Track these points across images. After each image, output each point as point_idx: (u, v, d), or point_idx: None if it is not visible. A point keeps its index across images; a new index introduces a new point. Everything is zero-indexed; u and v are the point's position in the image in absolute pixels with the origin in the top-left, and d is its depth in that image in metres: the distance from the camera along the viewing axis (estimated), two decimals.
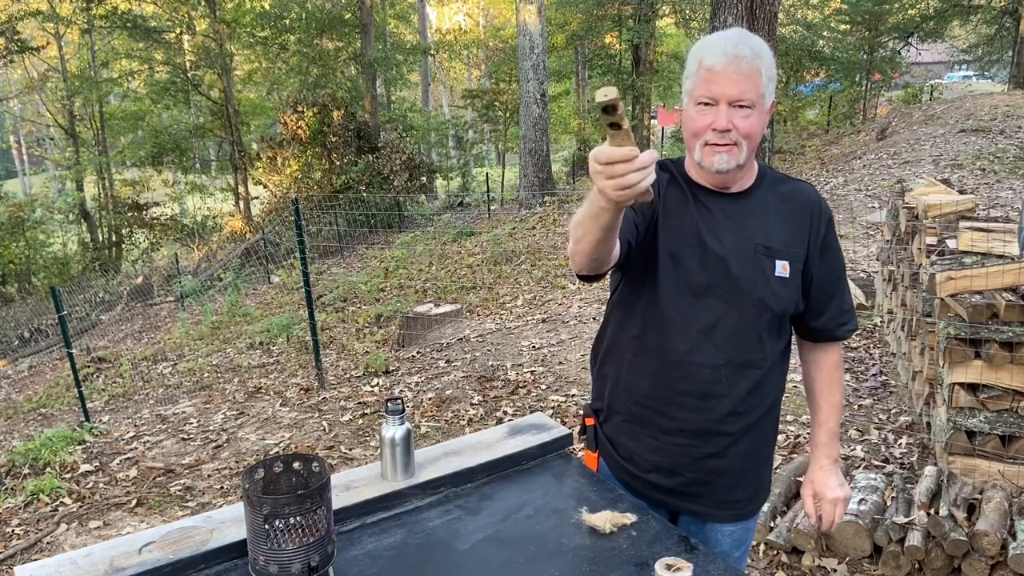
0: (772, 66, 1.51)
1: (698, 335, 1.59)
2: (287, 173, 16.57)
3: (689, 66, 1.54)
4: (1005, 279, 3.14)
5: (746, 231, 1.59)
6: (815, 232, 1.62)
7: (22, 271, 17.60)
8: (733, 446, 1.64)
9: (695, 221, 1.59)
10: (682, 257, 1.59)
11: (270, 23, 19.90)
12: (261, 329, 8.45)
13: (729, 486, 1.67)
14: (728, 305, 1.58)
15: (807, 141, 18.51)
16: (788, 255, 1.59)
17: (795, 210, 1.62)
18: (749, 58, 1.47)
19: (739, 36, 1.50)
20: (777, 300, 1.59)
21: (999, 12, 21.44)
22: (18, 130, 34.48)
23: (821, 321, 1.68)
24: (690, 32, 21.01)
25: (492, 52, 25.40)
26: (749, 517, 1.75)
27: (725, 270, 1.57)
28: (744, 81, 1.47)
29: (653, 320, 1.62)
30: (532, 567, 1.42)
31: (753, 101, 1.49)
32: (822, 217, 1.64)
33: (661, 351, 1.62)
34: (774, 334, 1.62)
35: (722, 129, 1.50)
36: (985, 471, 3.13)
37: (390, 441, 1.65)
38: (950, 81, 31.21)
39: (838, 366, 1.75)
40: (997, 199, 8.30)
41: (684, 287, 1.59)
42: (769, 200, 1.62)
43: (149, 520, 3.85)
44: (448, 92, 37.03)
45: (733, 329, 1.59)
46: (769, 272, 1.58)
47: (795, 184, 1.67)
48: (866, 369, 4.80)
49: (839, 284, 1.68)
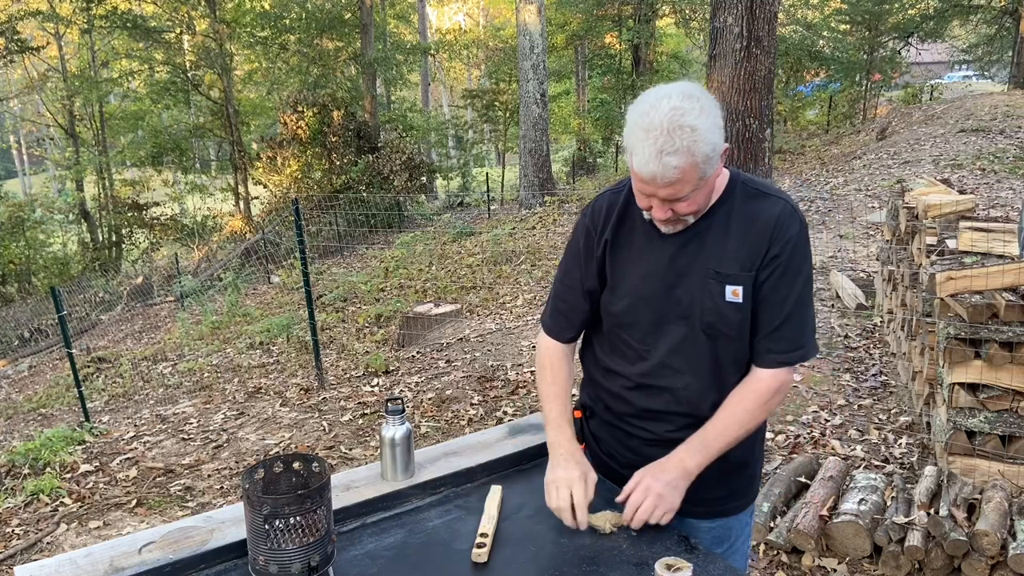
0: (708, 142, 1.42)
1: (656, 360, 1.63)
2: (287, 173, 16.57)
3: (626, 135, 1.49)
4: (1005, 279, 3.14)
5: (699, 256, 1.58)
6: (770, 252, 1.55)
7: (22, 271, 17.59)
8: None
9: (644, 249, 1.62)
10: (635, 285, 1.62)
11: (270, 23, 19.89)
12: (261, 329, 8.45)
13: (704, 486, 1.66)
14: (684, 330, 1.60)
15: (807, 141, 18.51)
16: (740, 279, 1.56)
17: (756, 231, 1.56)
18: (675, 167, 1.41)
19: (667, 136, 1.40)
20: (728, 324, 1.57)
21: (999, 12, 21.44)
22: (18, 130, 34.49)
23: (754, 341, 1.60)
24: (690, 32, 21.03)
25: (492, 52, 25.39)
26: (731, 514, 1.74)
27: (675, 298, 1.59)
28: (674, 184, 1.44)
29: (613, 345, 1.70)
30: (532, 567, 1.42)
31: (688, 192, 1.47)
32: (783, 236, 1.55)
33: (622, 374, 1.68)
34: (734, 357, 1.61)
35: (661, 220, 1.53)
36: (985, 471, 3.13)
37: (390, 441, 1.65)
38: (950, 81, 31.19)
39: (760, 390, 1.59)
40: (997, 199, 8.30)
41: (640, 314, 1.63)
42: (731, 219, 1.58)
43: (149, 520, 3.85)
44: (448, 92, 37.05)
45: (690, 354, 1.61)
46: (718, 297, 1.56)
47: (766, 201, 1.58)
48: (866, 369, 4.80)
49: (786, 306, 1.56)
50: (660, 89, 1.46)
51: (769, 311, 1.57)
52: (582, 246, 1.70)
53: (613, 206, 1.66)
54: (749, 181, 1.63)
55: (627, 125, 1.48)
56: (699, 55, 23.45)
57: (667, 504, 1.51)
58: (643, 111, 1.43)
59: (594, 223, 1.68)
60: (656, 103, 1.42)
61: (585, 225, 1.70)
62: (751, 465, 1.76)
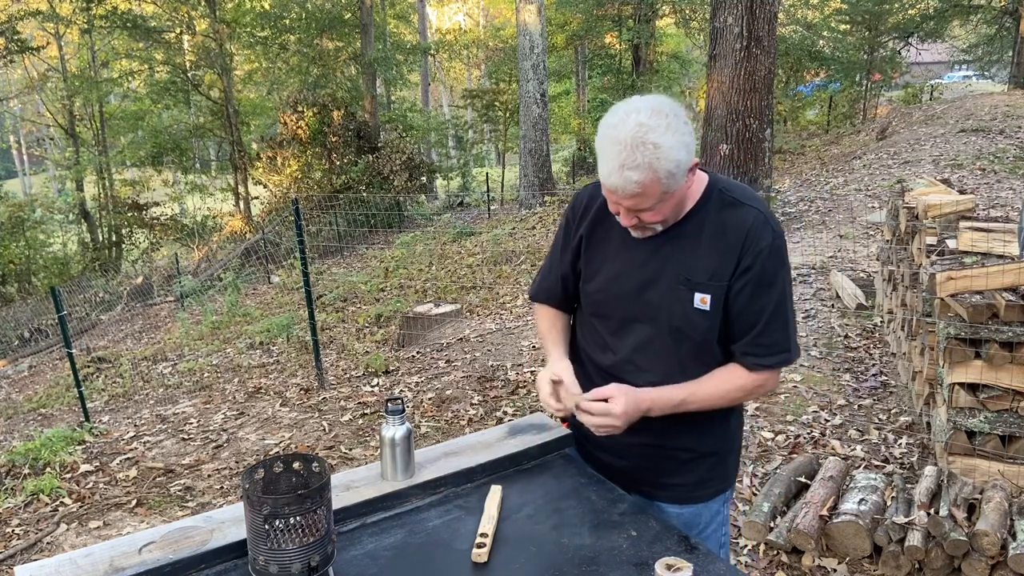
0: (672, 159, 1.45)
1: (621, 356, 1.71)
2: (287, 173, 16.57)
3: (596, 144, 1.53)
4: (1005, 279, 3.14)
5: (670, 262, 1.62)
6: (742, 263, 1.58)
7: (22, 271, 17.59)
8: (670, 441, 1.71)
9: (619, 249, 1.68)
10: (605, 284, 1.70)
11: (270, 23, 19.89)
12: (261, 329, 8.45)
13: (670, 472, 1.73)
14: (650, 330, 1.66)
15: (807, 141, 18.50)
16: (710, 288, 1.59)
17: (729, 241, 1.59)
18: (636, 182, 1.45)
19: (629, 150, 1.44)
20: (695, 330, 1.62)
21: (999, 12, 21.44)
22: (18, 130, 34.50)
23: (735, 347, 1.64)
24: (690, 32, 21.02)
25: (492, 52, 25.39)
26: (700, 501, 1.77)
27: (644, 300, 1.65)
28: (636, 197, 1.49)
29: (591, 331, 1.79)
30: (532, 567, 1.42)
31: (652, 204, 1.51)
32: (754, 247, 1.57)
33: (594, 363, 1.77)
34: (699, 358, 1.65)
35: (628, 226, 1.60)
36: (985, 471, 3.13)
37: (390, 441, 1.65)
38: (950, 81, 31.19)
39: (739, 376, 1.64)
40: (997, 199, 8.31)
41: (608, 311, 1.72)
42: (704, 227, 1.61)
43: (149, 520, 3.85)
44: (448, 92, 37.05)
45: (655, 353, 1.66)
46: (687, 303, 1.61)
47: (741, 210, 1.60)
48: (866, 369, 4.80)
49: (763, 317, 1.60)
50: (632, 102, 1.50)
51: (747, 320, 1.60)
52: (562, 233, 1.81)
53: (593, 200, 1.73)
54: (727, 188, 1.65)
55: (598, 136, 1.52)
56: (699, 55, 23.44)
57: (613, 431, 1.59)
58: (612, 123, 1.48)
59: (574, 215, 1.78)
60: (625, 117, 1.46)
61: (566, 215, 1.81)
62: (723, 455, 1.78)
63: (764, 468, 3.67)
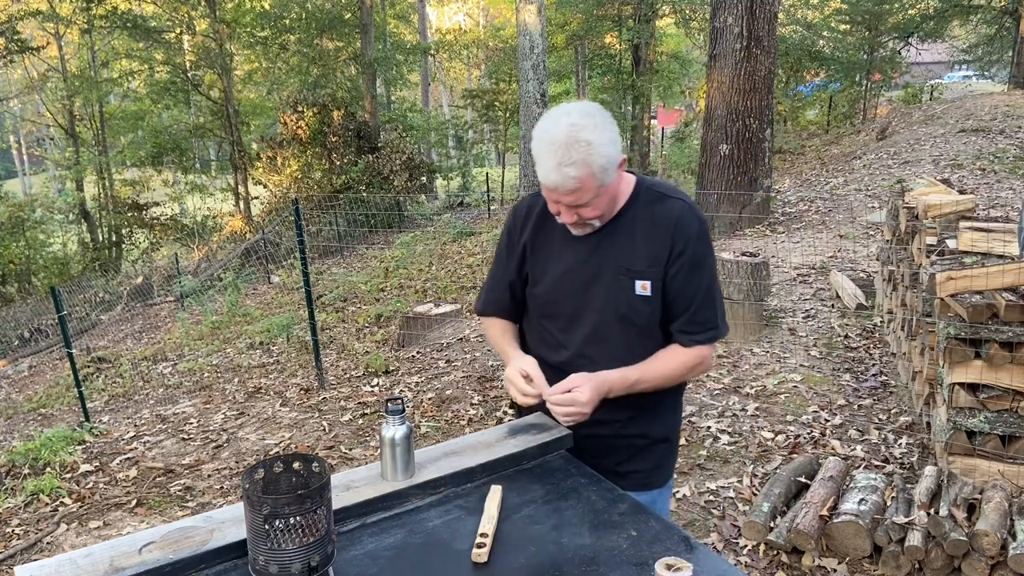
0: (603, 155, 1.59)
1: (574, 351, 1.82)
2: (287, 173, 16.56)
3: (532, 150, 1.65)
4: (1005, 279, 3.14)
5: (610, 255, 1.77)
6: (675, 250, 1.73)
7: (22, 271, 17.58)
8: (623, 429, 1.85)
9: (563, 249, 1.81)
10: (552, 283, 1.82)
11: (270, 23, 19.88)
12: (261, 329, 8.45)
13: (628, 459, 1.87)
14: (597, 323, 1.79)
15: (807, 141, 18.50)
16: (649, 274, 1.74)
17: (661, 230, 1.74)
18: (574, 177, 1.59)
19: (565, 149, 1.57)
20: (639, 316, 1.77)
21: (999, 12, 21.43)
22: (18, 130, 34.49)
23: (673, 327, 1.80)
24: (690, 32, 21.01)
25: (492, 52, 25.38)
26: (656, 487, 1.92)
27: (591, 293, 1.78)
28: (575, 192, 1.62)
29: (540, 335, 1.90)
30: (532, 567, 1.42)
31: (589, 199, 1.65)
32: (684, 234, 1.73)
33: (547, 361, 1.84)
34: (644, 343, 1.79)
35: (569, 223, 1.72)
36: (985, 471, 3.13)
37: (390, 441, 1.65)
38: (950, 81, 31.19)
39: (682, 353, 1.79)
40: (997, 199, 8.30)
41: (557, 310, 1.84)
42: (637, 221, 1.76)
43: (149, 520, 3.85)
44: (448, 92, 37.05)
45: (605, 342, 1.79)
46: (630, 291, 1.75)
47: (667, 203, 1.77)
48: (866, 369, 4.80)
49: (696, 297, 1.75)
50: (562, 107, 1.65)
51: (682, 301, 1.76)
52: (505, 244, 1.93)
53: (532, 209, 1.87)
54: (653, 185, 1.82)
55: (534, 139, 1.64)
56: (699, 55, 23.43)
57: (581, 417, 1.70)
58: (546, 128, 1.62)
59: (515, 224, 1.90)
60: (557, 120, 1.61)
61: (508, 226, 1.93)
62: (673, 442, 1.96)
63: (764, 468, 3.67)
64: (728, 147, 8.75)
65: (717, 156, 8.84)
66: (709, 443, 3.98)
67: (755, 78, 8.59)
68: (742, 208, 8.85)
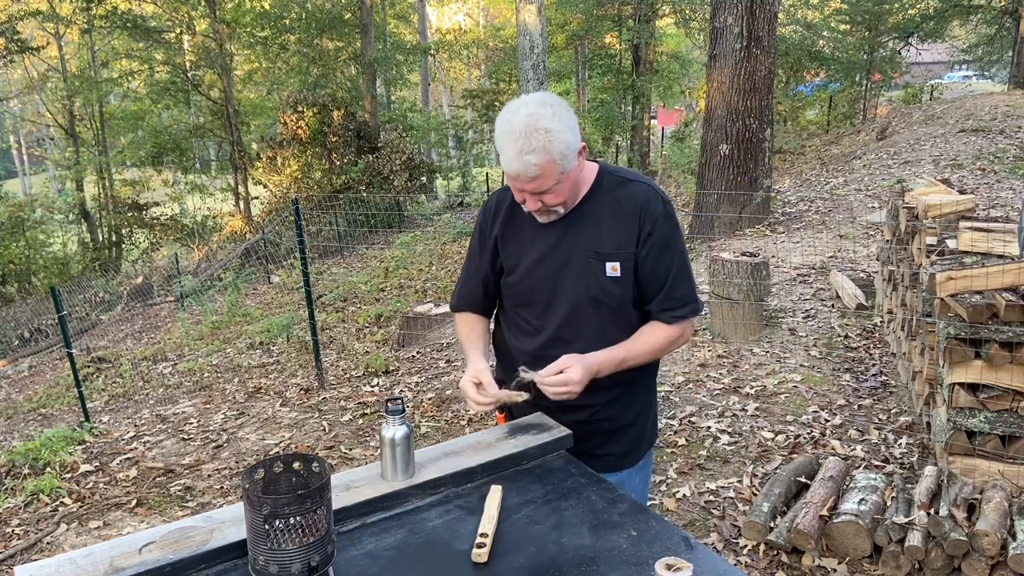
0: (562, 141, 1.65)
1: (549, 336, 1.88)
2: (287, 173, 16.56)
3: (495, 141, 1.73)
4: (1005, 279, 3.14)
5: (579, 240, 1.83)
6: (643, 232, 1.80)
7: (22, 271, 17.58)
8: (600, 413, 1.92)
9: (533, 239, 1.86)
10: (526, 272, 1.88)
11: (270, 23, 19.87)
12: (261, 329, 8.45)
13: (600, 443, 1.94)
14: (572, 305, 1.85)
15: (807, 141, 18.50)
16: (618, 256, 1.81)
17: (627, 213, 1.81)
18: (535, 164, 1.65)
19: (524, 137, 1.63)
20: (610, 297, 1.83)
21: (999, 12, 21.42)
22: (18, 130, 34.50)
23: (651, 306, 1.88)
24: (690, 32, 21.00)
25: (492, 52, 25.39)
26: (625, 468, 1.99)
27: (563, 278, 1.84)
28: (537, 179, 1.68)
29: (516, 323, 1.97)
30: (532, 567, 1.42)
31: (551, 186, 1.71)
32: (650, 216, 1.81)
33: (523, 349, 1.93)
34: (617, 323, 1.87)
35: (534, 211, 1.78)
36: (985, 471, 3.13)
37: (390, 441, 1.65)
38: (950, 81, 31.18)
39: (663, 330, 1.87)
40: (997, 199, 8.30)
41: (532, 297, 1.90)
42: (603, 206, 1.83)
43: (149, 520, 3.85)
44: (448, 92, 37.04)
45: (579, 324, 1.86)
46: (600, 274, 1.82)
47: (631, 186, 1.84)
48: (866, 369, 4.80)
49: (669, 275, 1.84)
50: (520, 99, 1.70)
51: (656, 281, 1.84)
52: (477, 239, 1.99)
53: (502, 203, 1.92)
54: (615, 171, 1.89)
55: (496, 131, 1.71)
56: (699, 55, 23.43)
57: (571, 396, 1.76)
58: (506, 119, 1.68)
59: (486, 220, 1.96)
60: (516, 111, 1.67)
61: (479, 223, 1.99)
62: (642, 424, 2.01)
63: (764, 468, 3.67)
64: (728, 147, 8.75)
65: (717, 156, 8.83)
66: (709, 443, 3.98)
67: (755, 78, 8.58)
68: (742, 208, 8.85)
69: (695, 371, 4.99)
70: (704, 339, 5.64)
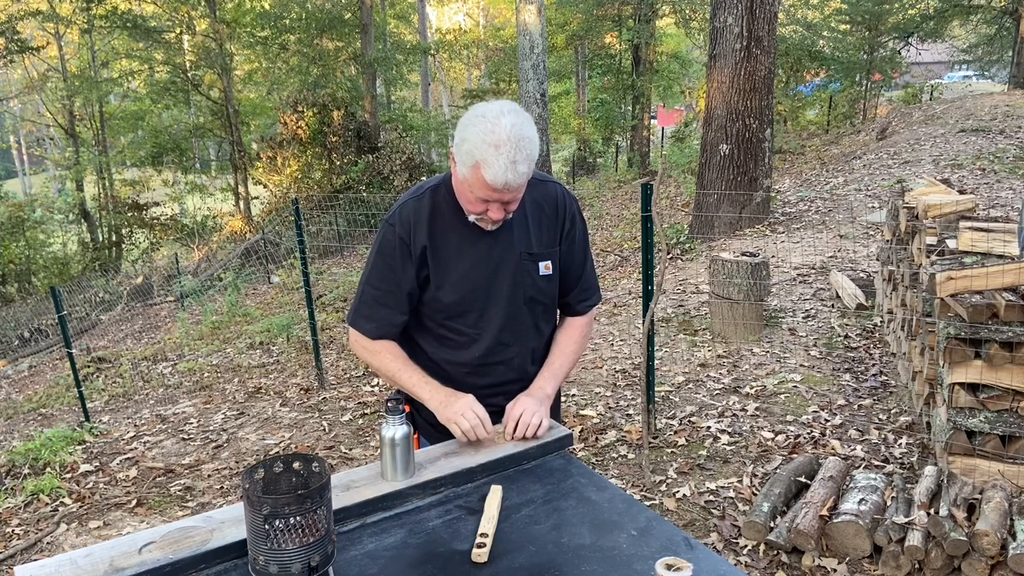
0: (537, 149, 1.66)
1: (489, 342, 1.89)
2: (287, 173, 16.56)
3: (468, 151, 1.63)
4: (1005, 279, 3.14)
5: (511, 243, 1.84)
6: (564, 228, 1.90)
7: (22, 271, 17.57)
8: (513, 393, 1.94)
9: (460, 247, 1.83)
10: (458, 282, 1.84)
11: (270, 23, 19.88)
12: (261, 329, 8.45)
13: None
14: (508, 310, 1.87)
15: (807, 141, 18.49)
16: (550, 255, 1.89)
17: (548, 212, 1.89)
18: (524, 173, 1.65)
19: (516, 148, 1.61)
20: (544, 295, 1.91)
21: (999, 12, 21.42)
22: (18, 130, 34.51)
23: (567, 299, 1.98)
24: (690, 32, 21.00)
25: (492, 52, 25.39)
26: None
27: (498, 283, 1.85)
28: (518, 189, 1.68)
29: (442, 338, 1.90)
30: (532, 567, 1.42)
31: (522, 192, 1.74)
32: (566, 213, 1.90)
33: (457, 361, 1.90)
34: (548, 319, 1.98)
35: (497, 219, 1.75)
36: (985, 471, 3.13)
37: (390, 441, 1.65)
38: (950, 81, 31.17)
39: (581, 328, 2.02)
40: (997, 199, 8.30)
41: (466, 307, 1.86)
42: (527, 208, 1.86)
43: (149, 520, 3.85)
44: (448, 92, 37.01)
45: (516, 326, 1.90)
46: (535, 274, 1.87)
47: (545, 187, 1.90)
48: (866, 369, 4.80)
49: (583, 268, 1.97)
50: (491, 106, 1.65)
51: (574, 273, 1.96)
52: (397, 254, 1.82)
53: (420, 213, 1.82)
54: None
55: (470, 142, 1.63)
56: (699, 55, 23.43)
57: (546, 419, 1.84)
58: (487, 129, 1.61)
59: (405, 232, 1.81)
60: (496, 121, 1.62)
61: (397, 234, 1.81)
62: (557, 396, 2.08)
63: (764, 468, 3.67)
64: (728, 147, 8.75)
65: (717, 156, 8.83)
66: (709, 443, 3.98)
67: (755, 78, 8.58)
68: (742, 208, 8.85)
69: (695, 371, 4.99)
70: (704, 339, 5.64)
